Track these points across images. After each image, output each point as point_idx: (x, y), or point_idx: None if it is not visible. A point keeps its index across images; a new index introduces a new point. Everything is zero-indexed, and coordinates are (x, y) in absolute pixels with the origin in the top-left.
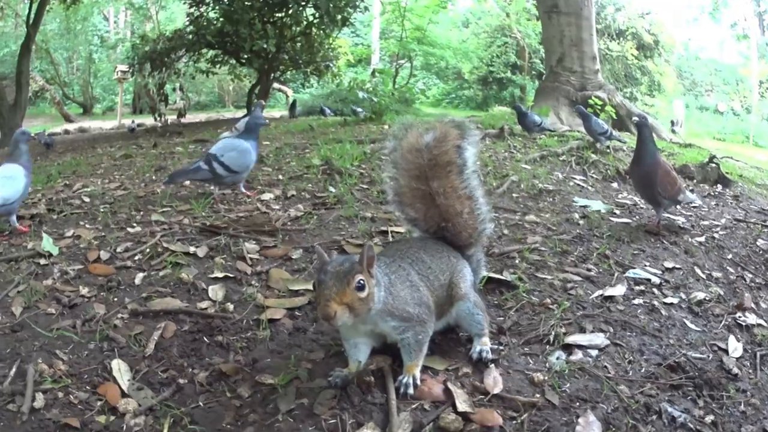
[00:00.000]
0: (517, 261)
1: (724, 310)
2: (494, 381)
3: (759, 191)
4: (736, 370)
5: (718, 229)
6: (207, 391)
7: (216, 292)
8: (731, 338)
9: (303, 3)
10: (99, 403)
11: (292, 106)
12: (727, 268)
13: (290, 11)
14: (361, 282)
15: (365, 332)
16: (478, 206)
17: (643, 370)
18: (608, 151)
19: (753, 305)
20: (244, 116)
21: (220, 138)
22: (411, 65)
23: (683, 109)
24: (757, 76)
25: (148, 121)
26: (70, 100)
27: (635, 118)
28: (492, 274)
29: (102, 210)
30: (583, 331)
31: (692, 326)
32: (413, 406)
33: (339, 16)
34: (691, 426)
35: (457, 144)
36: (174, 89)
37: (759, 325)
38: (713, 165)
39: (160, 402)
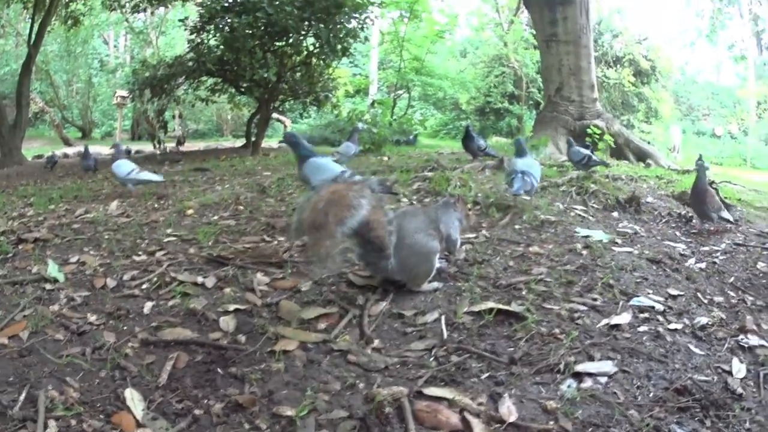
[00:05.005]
0: (524, 292)
1: (727, 333)
2: (509, 410)
3: (758, 214)
4: (740, 390)
5: (719, 254)
6: (224, 422)
7: (227, 323)
8: (734, 360)
9: (303, 32)
10: None
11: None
12: (729, 292)
13: (291, 40)
14: None
15: None
16: None
17: (651, 395)
18: (592, 174)
19: (755, 327)
20: (349, 138)
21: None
22: (409, 96)
23: (680, 134)
24: (755, 97)
25: (147, 148)
26: (69, 124)
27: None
28: (501, 306)
29: (106, 237)
30: (591, 359)
31: (696, 350)
32: None
33: (339, 46)
34: None
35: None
36: (173, 116)
37: (761, 345)
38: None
39: None
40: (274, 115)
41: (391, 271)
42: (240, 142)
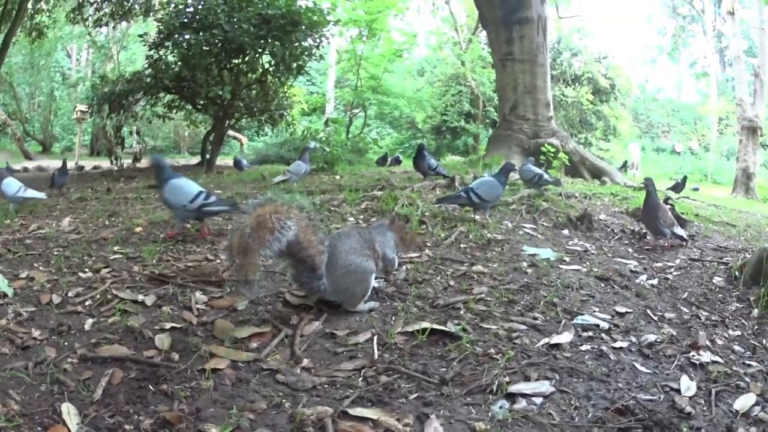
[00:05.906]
0: (462, 312)
1: (677, 350)
2: (435, 431)
3: (716, 228)
4: (689, 409)
5: (672, 270)
6: None
7: (162, 340)
8: (684, 378)
9: (260, 50)
10: None
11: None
12: (681, 308)
13: (247, 58)
14: None
15: None
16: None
17: (590, 416)
18: (544, 193)
19: (708, 343)
20: (300, 157)
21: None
22: (365, 114)
23: (639, 152)
24: (716, 113)
25: (105, 163)
26: (30, 137)
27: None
28: (435, 326)
29: (56, 253)
30: (527, 379)
31: (642, 369)
32: None
33: (294, 64)
34: None
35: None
36: (131, 133)
37: (714, 362)
38: (668, 206)
39: None
40: (231, 132)
41: (325, 291)
42: (196, 159)
